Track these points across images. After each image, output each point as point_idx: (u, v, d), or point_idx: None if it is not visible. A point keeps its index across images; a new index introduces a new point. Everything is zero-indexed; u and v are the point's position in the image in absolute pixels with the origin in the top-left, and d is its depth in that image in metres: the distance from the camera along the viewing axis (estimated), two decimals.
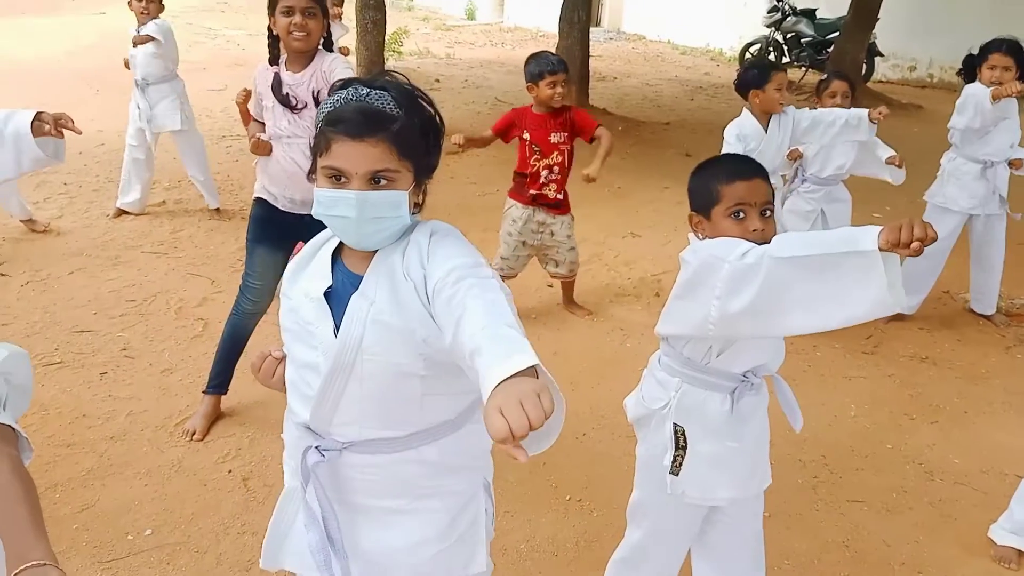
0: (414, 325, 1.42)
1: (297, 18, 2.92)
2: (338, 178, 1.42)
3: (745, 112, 3.92)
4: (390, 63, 10.38)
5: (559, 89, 3.96)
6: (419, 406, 1.51)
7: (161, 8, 5.41)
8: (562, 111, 4.06)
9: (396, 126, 1.41)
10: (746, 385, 2.02)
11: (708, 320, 1.81)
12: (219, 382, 3.35)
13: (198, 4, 17.33)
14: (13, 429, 1.28)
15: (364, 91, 1.44)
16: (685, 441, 2.04)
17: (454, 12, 19.81)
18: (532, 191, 4.13)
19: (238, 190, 6.40)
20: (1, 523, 1.12)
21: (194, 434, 3.22)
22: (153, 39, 5.25)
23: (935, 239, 1.47)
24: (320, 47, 3.11)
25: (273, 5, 2.99)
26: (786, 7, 12.25)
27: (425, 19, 18.43)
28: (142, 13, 5.28)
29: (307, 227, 3.13)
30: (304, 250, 1.63)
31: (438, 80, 11.20)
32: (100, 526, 2.68)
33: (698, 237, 2.04)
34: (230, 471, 3.03)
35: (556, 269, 4.38)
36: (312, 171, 1.49)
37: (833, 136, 3.94)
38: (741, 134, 3.87)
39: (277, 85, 3.11)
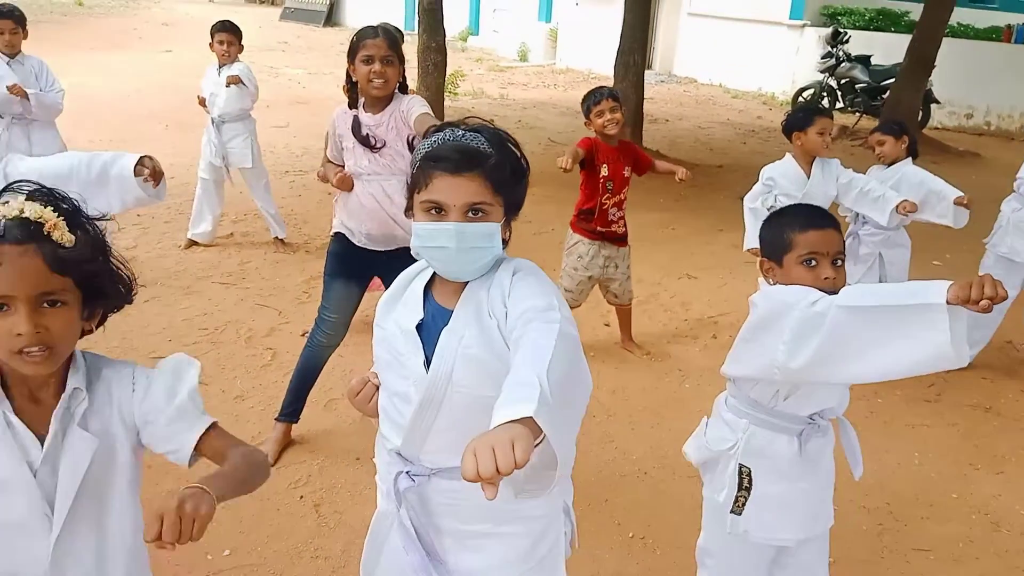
0: (499, 360, 1.50)
1: (376, 66, 3.07)
2: (437, 211, 1.53)
3: (788, 156, 3.99)
4: (446, 104, 10.63)
5: (610, 116, 4.05)
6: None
7: (241, 49, 5.65)
8: (626, 147, 4.16)
9: (491, 163, 1.52)
10: (813, 427, 2.07)
11: (774, 364, 1.86)
12: (291, 411, 3.46)
13: (260, 44, 17.91)
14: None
15: (460, 132, 1.56)
16: (750, 482, 2.08)
17: (507, 53, 20.18)
18: (600, 228, 4.22)
19: (301, 224, 6.60)
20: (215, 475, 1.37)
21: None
22: (241, 81, 5.49)
23: (1005, 298, 1.53)
24: (396, 90, 3.26)
25: (353, 53, 3.14)
26: (840, 53, 12.28)
27: (479, 60, 18.79)
28: (223, 55, 5.51)
29: (383, 263, 3.29)
30: (397, 282, 1.71)
31: (492, 120, 11.34)
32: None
33: (768, 283, 2.10)
34: (301, 497, 3.12)
35: (616, 299, 4.47)
36: (409, 207, 1.60)
37: (860, 205, 4.04)
38: (774, 177, 3.93)
39: (357, 127, 3.25)
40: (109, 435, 1.44)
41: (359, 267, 3.35)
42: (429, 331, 1.58)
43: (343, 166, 3.34)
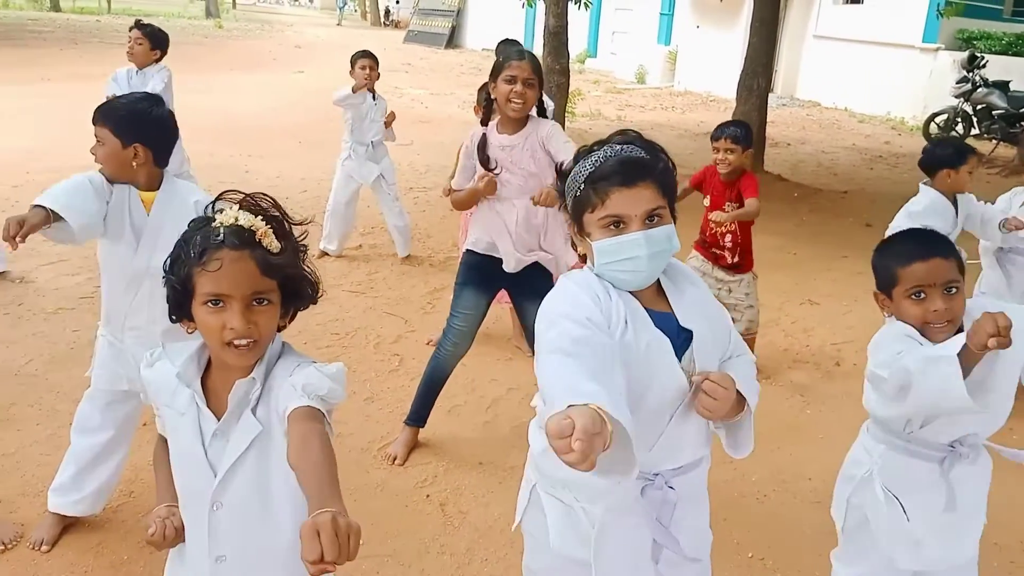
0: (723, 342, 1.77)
1: (518, 87, 3.19)
2: (616, 225, 1.62)
3: (931, 190, 3.89)
4: (565, 126, 10.78)
5: (723, 155, 4.08)
6: (709, 430, 1.80)
7: (378, 76, 5.94)
8: (738, 179, 4.15)
9: (659, 169, 1.63)
10: (955, 455, 2.03)
11: (893, 406, 1.95)
12: (419, 416, 3.61)
13: (385, 65, 18.48)
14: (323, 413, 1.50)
15: (618, 148, 1.65)
16: (899, 508, 2.06)
17: (625, 76, 20.24)
18: (714, 249, 4.25)
19: (425, 238, 6.83)
20: (310, 482, 1.34)
21: (395, 459, 3.48)
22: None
23: (1008, 327, 1.64)
24: (533, 113, 3.37)
25: (496, 73, 3.27)
26: (977, 78, 11.78)
27: (596, 82, 18.92)
28: (365, 79, 5.80)
29: (511, 276, 3.40)
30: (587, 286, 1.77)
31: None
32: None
33: (884, 315, 2.10)
34: (428, 496, 3.26)
35: (735, 323, 4.44)
36: (580, 230, 1.68)
37: (982, 231, 4.00)
38: (920, 212, 3.83)
39: (482, 144, 3.39)
40: (269, 423, 1.57)
41: (488, 279, 3.48)
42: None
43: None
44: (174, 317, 1.55)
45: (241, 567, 1.61)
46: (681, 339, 1.69)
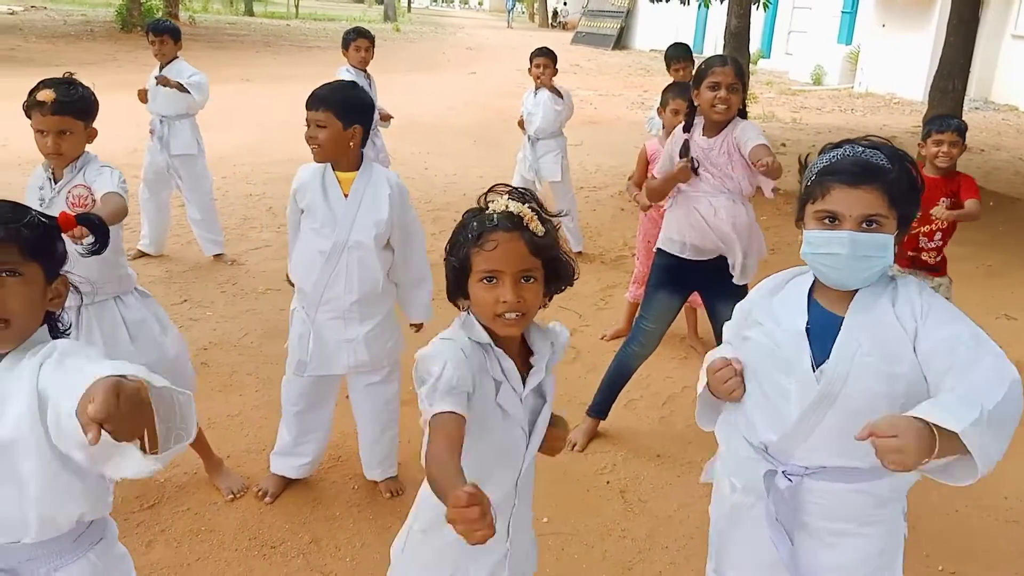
0: (898, 370, 1.62)
1: (722, 92, 3.24)
2: (830, 220, 1.67)
3: None
4: None
5: (947, 149, 3.92)
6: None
7: (555, 72, 6.11)
8: (954, 176, 4.00)
9: (890, 177, 1.64)
10: None
11: None
12: (601, 409, 3.73)
13: None
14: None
15: (860, 148, 1.69)
16: None
17: (800, 76, 19.57)
18: (908, 251, 4.10)
19: (596, 236, 6.95)
20: (440, 473, 1.43)
21: (575, 446, 3.62)
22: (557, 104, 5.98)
23: None
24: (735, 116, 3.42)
25: (700, 80, 3.33)
26: None
27: (769, 83, 18.42)
28: (538, 78, 6.00)
29: (704, 277, 3.46)
30: (774, 278, 1.86)
31: (784, 144, 11.18)
32: None
33: None
34: (608, 482, 3.38)
35: None
36: (800, 218, 1.75)
37: None
38: None
39: (685, 149, 3.47)
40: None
41: (683, 280, 3.56)
42: (816, 334, 1.71)
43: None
44: (452, 297, 1.74)
45: (524, 512, 1.84)
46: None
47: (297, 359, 3.01)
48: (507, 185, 1.72)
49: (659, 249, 3.61)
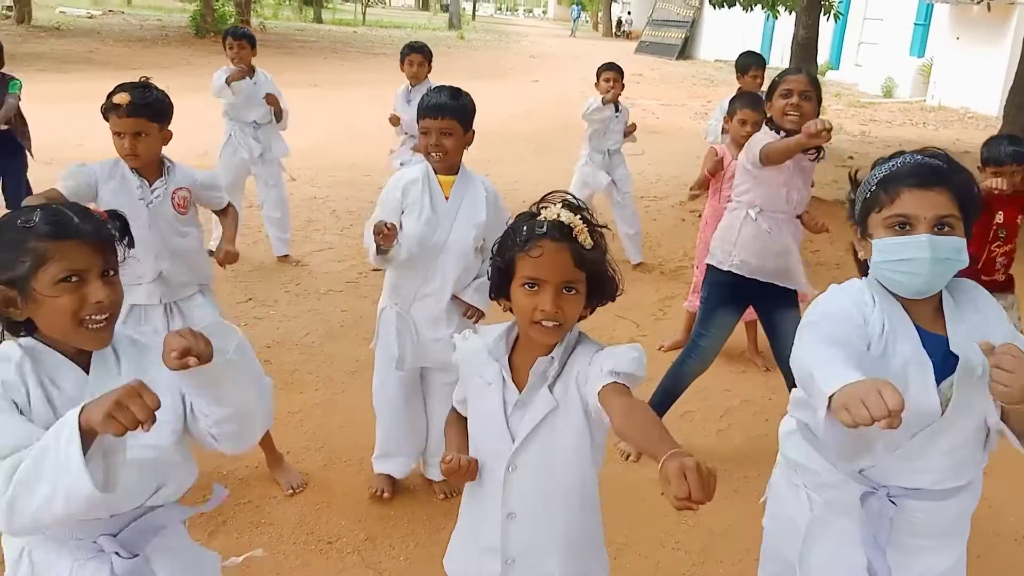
0: None
1: (794, 99, 3.21)
2: (901, 226, 1.64)
3: None
4: None
5: (1003, 181, 3.77)
6: (982, 457, 1.71)
7: (623, 87, 6.10)
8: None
9: (959, 179, 1.62)
10: None
11: None
12: None
13: None
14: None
15: (919, 156, 1.68)
16: None
17: (869, 89, 19.17)
18: (983, 276, 3.98)
19: (656, 247, 6.91)
20: (644, 437, 1.49)
21: (628, 456, 3.61)
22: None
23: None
24: None
25: (772, 89, 3.31)
26: None
27: (837, 95, 18.09)
28: (609, 90, 6.00)
29: (761, 294, 3.42)
30: (848, 296, 1.79)
31: (851, 157, 10.97)
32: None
33: None
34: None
35: None
36: (863, 233, 1.72)
37: None
38: None
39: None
40: (565, 400, 1.73)
41: (737, 297, 3.52)
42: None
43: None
44: (494, 295, 1.77)
45: (529, 525, 1.79)
46: (949, 364, 1.66)
47: (396, 355, 3.04)
48: (564, 192, 1.73)
49: (710, 266, 3.57)
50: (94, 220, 1.57)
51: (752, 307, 3.70)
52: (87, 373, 1.58)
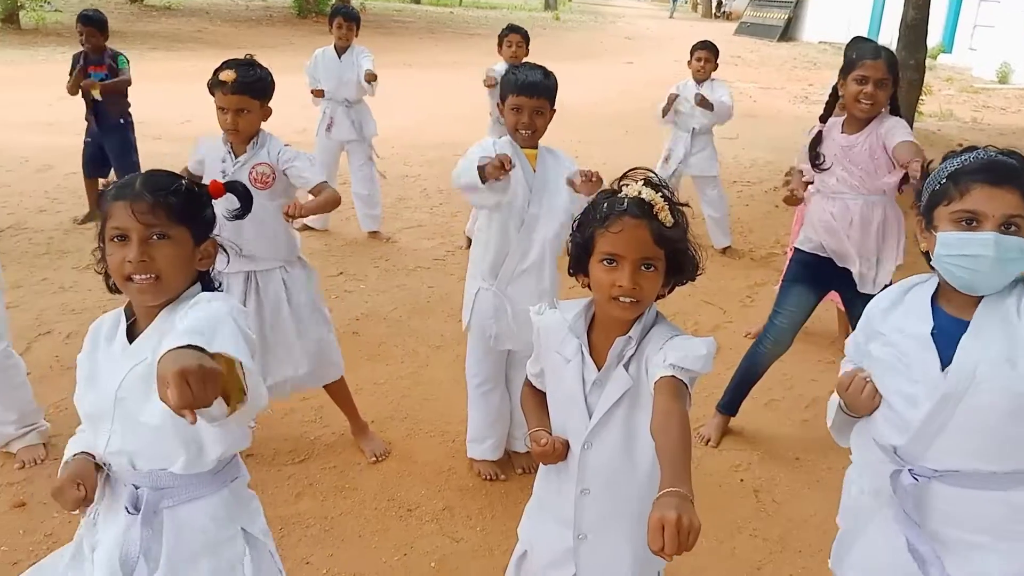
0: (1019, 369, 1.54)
1: (868, 88, 3.10)
2: (968, 222, 1.60)
3: None
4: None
5: None
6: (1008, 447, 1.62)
7: (715, 67, 5.98)
8: None
9: None
10: None
11: None
12: (731, 405, 3.66)
13: None
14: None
15: (992, 153, 1.62)
16: None
17: (984, 74, 18.20)
18: None
19: (747, 233, 6.77)
20: (664, 458, 1.47)
21: (708, 441, 3.58)
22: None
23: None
24: (884, 111, 3.25)
25: (847, 71, 3.19)
26: None
27: (949, 79, 17.24)
28: (699, 71, 5.90)
29: (844, 277, 3.32)
30: (891, 291, 1.81)
31: (960, 145, 10.42)
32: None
33: None
34: (742, 480, 3.32)
35: None
36: (928, 225, 1.68)
37: None
38: None
39: (816, 142, 3.34)
40: (639, 379, 1.74)
41: (819, 277, 3.43)
42: (941, 338, 1.65)
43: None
44: (572, 271, 1.79)
45: (602, 501, 1.82)
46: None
47: (493, 334, 3.05)
48: (646, 170, 1.73)
49: (796, 248, 3.50)
50: (157, 187, 1.64)
51: (837, 294, 3.60)
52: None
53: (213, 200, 1.81)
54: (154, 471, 1.66)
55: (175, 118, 9.23)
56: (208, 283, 1.76)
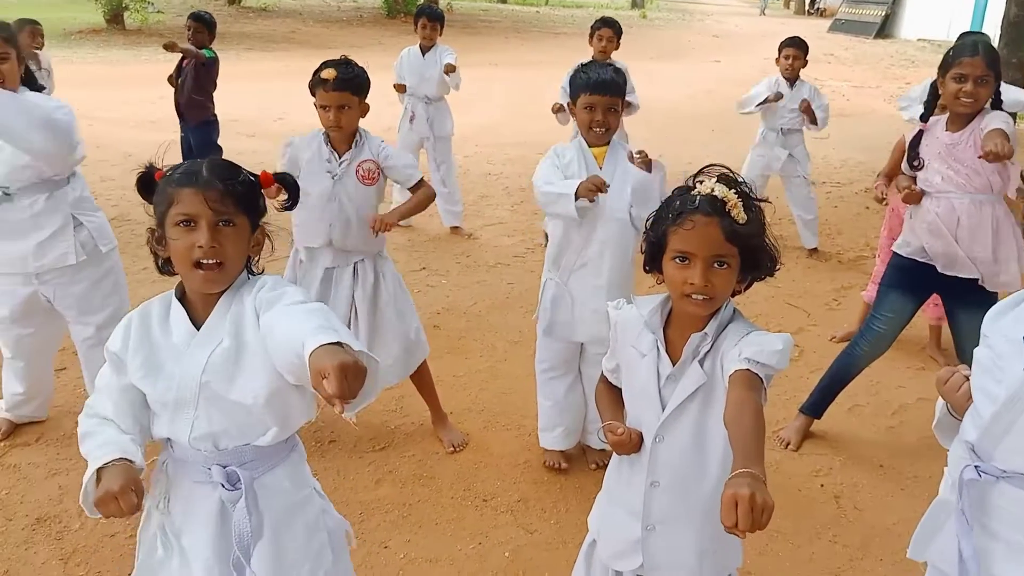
0: None
1: (968, 86, 3.00)
2: None
3: None
4: None
5: None
6: None
7: (805, 64, 5.85)
8: None
9: None
10: None
11: None
12: (816, 407, 3.58)
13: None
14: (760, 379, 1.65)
15: None
16: None
17: None
18: None
19: (835, 235, 6.61)
20: (737, 444, 1.49)
21: (788, 444, 3.52)
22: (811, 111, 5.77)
23: None
24: (986, 107, 3.14)
25: (945, 68, 3.09)
26: None
27: None
28: (788, 68, 5.78)
29: (944, 282, 3.22)
30: (1009, 298, 1.75)
31: None
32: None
33: None
34: (822, 485, 3.26)
35: None
36: None
37: None
38: None
39: (916, 141, 3.25)
40: (714, 375, 1.75)
41: (918, 283, 3.33)
42: None
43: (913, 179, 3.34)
44: (647, 268, 1.80)
45: (671, 494, 1.83)
46: None
47: (548, 321, 3.13)
48: (722, 167, 1.73)
49: (895, 252, 3.40)
50: (225, 176, 1.71)
51: (940, 299, 3.49)
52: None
53: (263, 190, 1.85)
54: (238, 447, 1.73)
55: (269, 116, 9.55)
56: (250, 270, 1.83)
